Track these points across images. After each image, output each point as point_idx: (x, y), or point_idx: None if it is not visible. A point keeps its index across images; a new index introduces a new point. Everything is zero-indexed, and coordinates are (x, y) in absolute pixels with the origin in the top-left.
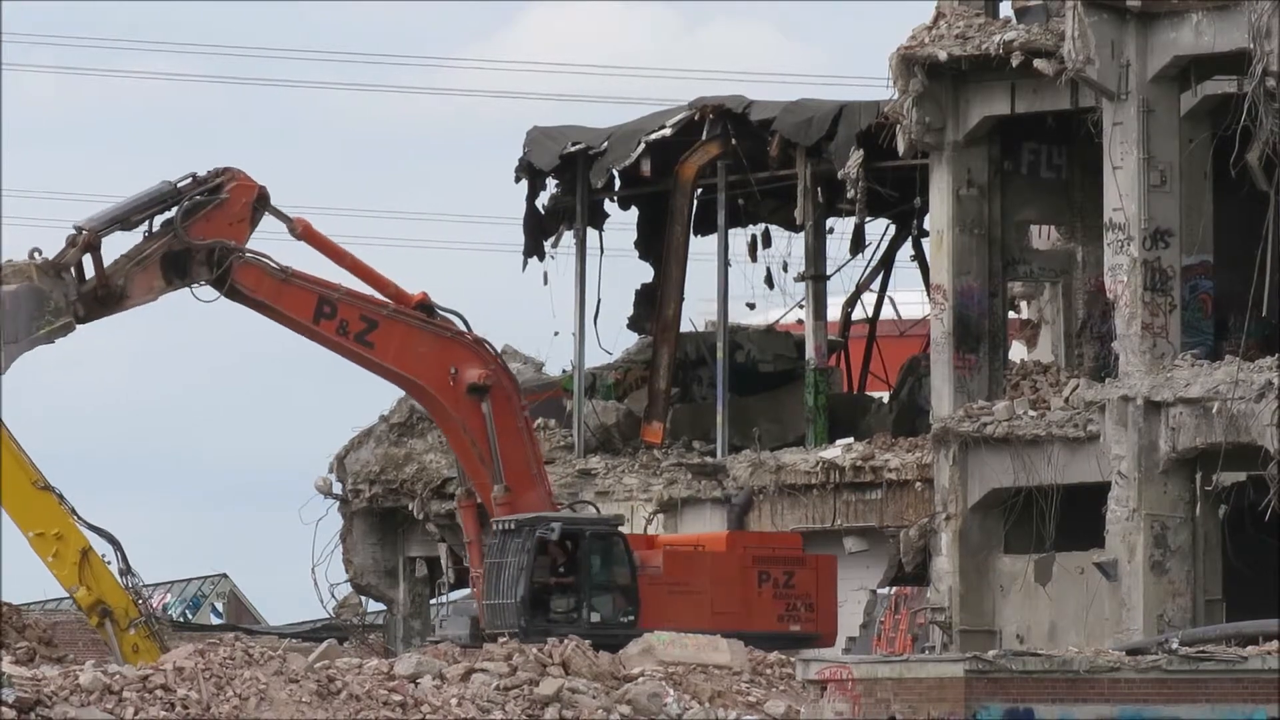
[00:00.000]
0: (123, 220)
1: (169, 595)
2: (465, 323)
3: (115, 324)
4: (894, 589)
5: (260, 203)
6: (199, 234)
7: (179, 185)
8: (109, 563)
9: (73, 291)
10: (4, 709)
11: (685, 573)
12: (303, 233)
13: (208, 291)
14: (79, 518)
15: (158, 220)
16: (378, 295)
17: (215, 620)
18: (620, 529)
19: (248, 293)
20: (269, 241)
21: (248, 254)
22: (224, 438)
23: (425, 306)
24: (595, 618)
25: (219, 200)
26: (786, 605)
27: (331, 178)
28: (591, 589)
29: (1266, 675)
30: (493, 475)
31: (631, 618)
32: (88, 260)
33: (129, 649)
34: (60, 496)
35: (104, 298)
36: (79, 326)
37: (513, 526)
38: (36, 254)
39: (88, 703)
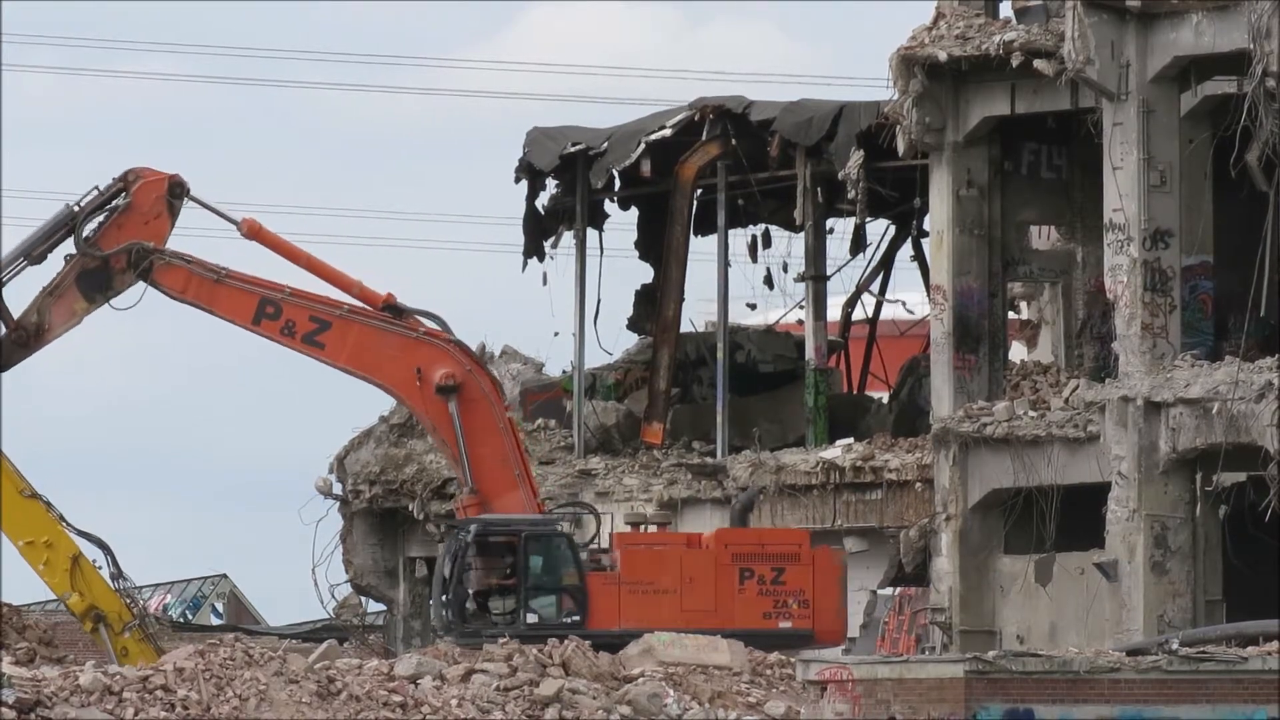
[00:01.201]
0: (26, 255)
1: (169, 596)
2: (441, 323)
3: (114, 325)
4: (898, 589)
5: (175, 194)
6: (114, 243)
7: (81, 203)
8: (100, 568)
9: None
10: (4, 709)
11: (647, 572)
12: (249, 232)
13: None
14: (68, 524)
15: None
16: (337, 295)
17: (215, 621)
18: (562, 530)
19: (174, 295)
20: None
21: (168, 255)
22: (224, 438)
23: (392, 307)
24: (532, 619)
25: (126, 204)
26: (775, 602)
27: (330, 178)
28: (529, 590)
29: (1266, 676)
30: (462, 476)
31: (577, 618)
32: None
33: (122, 652)
34: (48, 504)
35: (20, 339)
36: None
37: (445, 529)
38: None
39: (88, 703)
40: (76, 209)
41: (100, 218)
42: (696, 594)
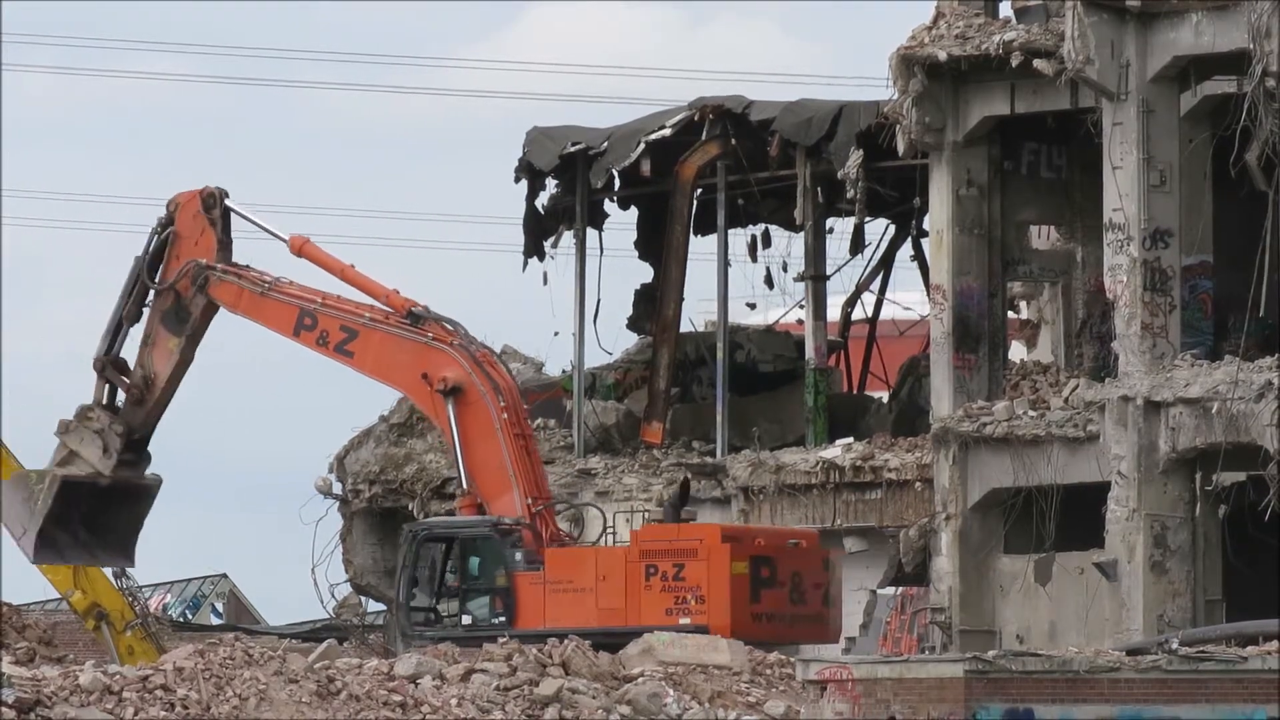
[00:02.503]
0: (124, 319)
1: (169, 595)
2: (457, 328)
3: None
4: (900, 589)
5: (208, 205)
6: (175, 273)
7: (148, 249)
8: None
9: (103, 420)
10: (4, 709)
11: (569, 571)
12: (296, 250)
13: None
14: None
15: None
16: (365, 303)
17: (215, 620)
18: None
19: (228, 309)
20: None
21: (220, 270)
22: (224, 438)
23: (412, 313)
24: (467, 620)
25: (173, 233)
26: (675, 598)
27: (331, 178)
28: (465, 591)
29: (1266, 675)
30: (459, 477)
31: (504, 619)
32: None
33: (126, 651)
34: None
35: (135, 398)
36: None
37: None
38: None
39: (87, 703)
40: (143, 255)
41: (150, 257)
42: (610, 592)
